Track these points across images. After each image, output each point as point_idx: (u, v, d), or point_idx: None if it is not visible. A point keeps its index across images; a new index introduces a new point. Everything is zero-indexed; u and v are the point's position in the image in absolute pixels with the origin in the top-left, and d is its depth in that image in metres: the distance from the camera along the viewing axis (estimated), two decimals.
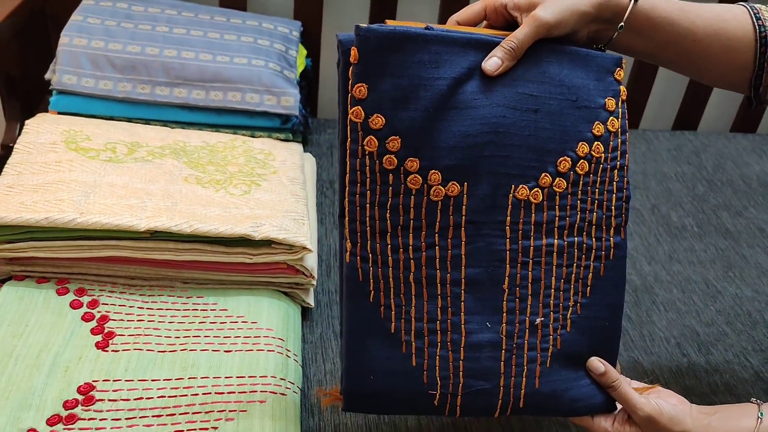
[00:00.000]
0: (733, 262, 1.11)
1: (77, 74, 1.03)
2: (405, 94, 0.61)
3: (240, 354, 0.78)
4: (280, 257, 0.85)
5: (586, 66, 0.67)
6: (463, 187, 0.63)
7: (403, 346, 0.64)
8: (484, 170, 0.63)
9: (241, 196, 0.91)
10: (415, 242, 0.64)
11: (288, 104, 1.06)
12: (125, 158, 0.93)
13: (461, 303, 0.65)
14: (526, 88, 0.64)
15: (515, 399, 0.66)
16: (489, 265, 0.65)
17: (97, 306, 0.81)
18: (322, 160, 1.21)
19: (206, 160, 0.97)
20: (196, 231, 0.82)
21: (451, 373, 0.64)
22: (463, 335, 0.65)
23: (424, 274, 0.64)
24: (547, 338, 0.67)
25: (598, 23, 0.68)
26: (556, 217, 0.66)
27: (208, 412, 0.71)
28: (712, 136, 1.47)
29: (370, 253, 0.64)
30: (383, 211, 0.63)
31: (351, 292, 0.64)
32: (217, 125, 1.07)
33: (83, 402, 0.71)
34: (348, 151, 0.62)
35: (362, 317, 0.64)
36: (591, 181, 0.67)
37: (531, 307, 0.66)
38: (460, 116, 0.62)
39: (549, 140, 0.65)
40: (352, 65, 0.60)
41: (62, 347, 0.76)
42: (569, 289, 0.67)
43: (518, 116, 0.64)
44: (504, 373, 0.65)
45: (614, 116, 0.67)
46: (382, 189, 0.62)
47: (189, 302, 0.84)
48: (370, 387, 0.64)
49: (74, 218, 0.80)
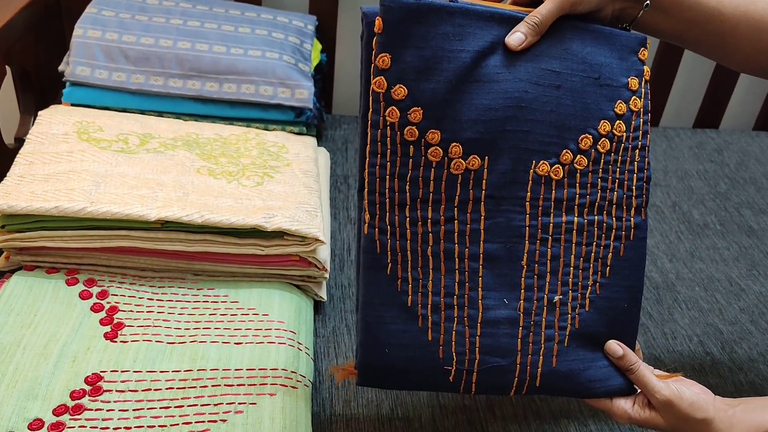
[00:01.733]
0: (757, 260, 1.08)
1: (91, 66, 1.02)
2: (428, 66, 0.60)
3: (251, 346, 0.76)
4: (292, 249, 0.83)
5: (610, 44, 0.66)
6: (484, 161, 0.63)
7: (419, 320, 0.64)
8: (505, 145, 0.63)
9: (254, 187, 0.89)
10: (433, 215, 0.63)
11: (302, 97, 1.05)
12: (137, 149, 0.92)
13: (479, 278, 0.64)
14: (548, 64, 0.63)
15: (531, 377, 0.65)
16: (508, 240, 0.64)
17: (106, 297, 0.80)
18: (337, 156, 1.19)
19: (219, 152, 0.96)
20: (207, 221, 0.80)
21: (467, 349, 0.64)
22: (480, 311, 0.64)
23: (442, 248, 0.64)
24: (565, 317, 0.66)
25: (623, 1, 0.66)
26: (577, 194, 0.65)
27: (218, 404, 0.70)
28: (735, 134, 1.44)
29: (388, 225, 0.63)
30: (402, 183, 0.62)
31: (368, 264, 0.63)
32: (231, 118, 1.06)
33: (90, 392, 0.70)
34: (369, 122, 0.61)
35: (379, 289, 0.63)
36: (612, 160, 0.66)
37: (549, 285, 0.65)
38: (482, 90, 0.62)
39: (571, 117, 0.64)
40: (376, 35, 0.60)
41: (70, 337, 0.74)
42: (588, 268, 0.66)
43: (540, 92, 0.63)
44: (521, 350, 0.65)
45: (637, 96, 0.66)
46: (402, 161, 0.62)
47: (200, 294, 0.83)
48: (385, 360, 0.63)
49: (84, 207, 0.79)
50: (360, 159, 0.63)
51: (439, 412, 0.78)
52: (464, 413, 0.78)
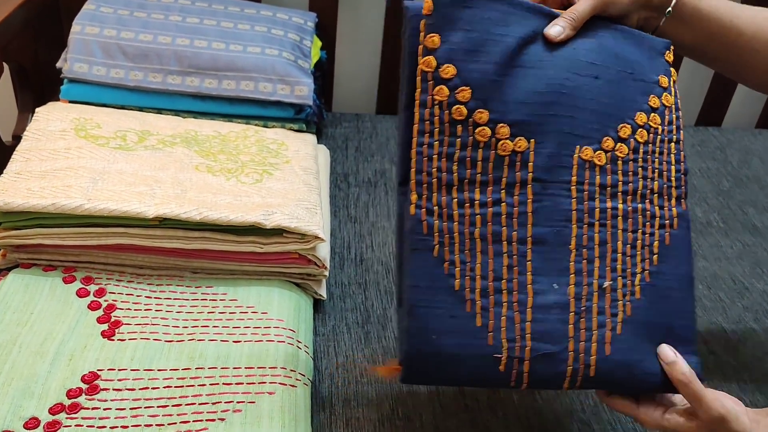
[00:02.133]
0: (760, 258, 1.07)
1: (89, 62, 1.01)
2: (476, 47, 0.62)
3: (249, 345, 0.76)
4: (291, 246, 0.82)
5: (639, 44, 0.70)
6: (529, 143, 0.64)
7: (467, 305, 0.62)
8: (549, 128, 0.64)
9: (253, 184, 0.88)
10: (481, 197, 0.63)
11: (302, 93, 1.04)
12: (135, 146, 0.91)
13: (527, 262, 0.63)
14: (586, 56, 0.66)
15: (585, 366, 0.62)
16: (555, 224, 0.64)
17: (104, 295, 0.79)
18: (337, 154, 1.18)
19: (218, 149, 0.95)
20: (205, 219, 0.80)
21: (518, 335, 0.62)
22: (530, 296, 0.63)
23: (490, 231, 0.63)
24: (616, 303, 0.64)
25: (648, 9, 0.72)
26: (620, 181, 0.66)
27: (215, 403, 0.69)
28: (737, 132, 1.43)
29: (435, 206, 0.63)
30: (450, 164, 0.63)
31: (414, 245, 0.62)
32: (230, 115, 1.05)
33: (87, 391, 0.69)
34: (417, 102, 0.62)
35: (426, 271, 0.62)
36: (650, 150, 0.68)
37: (599, 270, 0.65)
38: (527, 74, 0.64)
39: (609, 106, 0.66)
40: (425, 17, 0.62)
41: (67, 335, 0.74)
42: (636, 255, 0.66)
43: (581, 81, 0.65)
44: (573, 336, 0.63)
45: (668, 92, 0.69)
46: (450, 140, 0.63)
47: (198, 292, 0.82)
48: (432, 347, 0.61)
49: (81, 204, 0.78)
50: (403, 146, 0.63)
51: (441, 411, 0.77)
52: (466, 413, 0.78)
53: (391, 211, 1.07)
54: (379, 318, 0.88)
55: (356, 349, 0.84)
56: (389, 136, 1.26)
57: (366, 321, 0.88)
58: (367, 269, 0.96)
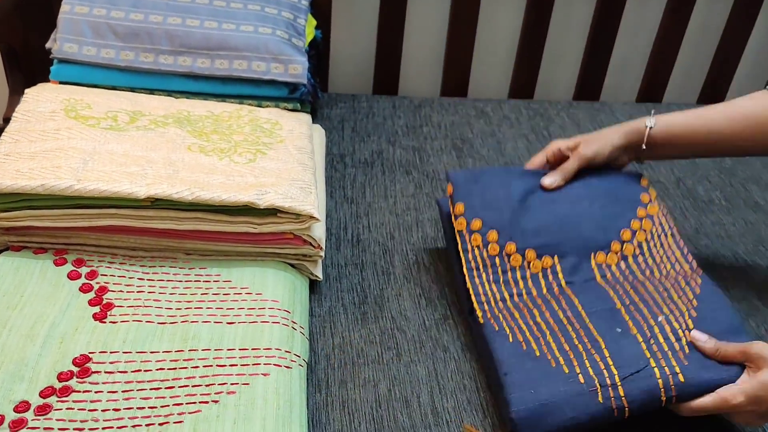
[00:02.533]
0: (763, 235, 1.06)
1: (78, 42, 0.99)
2: (491, 203, 0.85)
3: (243, 326, 0.74)
4: (286, 226, 0.81)
5: (616, 177, 0.91)
6: (554, 259, 0.83)
7: (551, 362, 0.72)
8: (566, 246, 0.84)
9: (246, 164, 0.87)
10: (532, 301, 0.80)
11: (296, 72, 1.02)
12: (126, 126, 0.90)
13: (588, 325, 0.76)
14: (577, 192, 0.88)
15: (672, 375, 0.70)
16: (599, 301, 0.78)
17: (95, 277, 0.78)
18: (333, 134, 1.17)
19: (210, 129, 0.93)
20: (198, 199, 0.78)
21: (603, 368, 0.71)
22: (600, 341, 0.74)
23: (549, 316, 0.78)
24: (675, 331, 0.74)
25: (629, 152, 0.90)
26: (637, 270, 0.83)
27: (209, 384, 0.68)
28: None
29: (498, 313, 0.79)
30: (498, 285, 0.82)
31: (490, 338, 0.76)
32: (223, 95, 1.03)
33: (78, 374, 0.67)
34: (461, 247, 0.84)
35: (507, 352, 0.74)
36: (652, 245, 0.86)
37: (650, 314, 0.77)
38: (535, 212, 0.86)
39: (606, 219, 0.86)
40: (450, 196, 0.87)
41: (58, 318, 0.72)
42: (676, 301, 0.78)
43: (578, 209, 0.86)
44: (651, 357, 0.72)
45: (651, 204, 0.89)
46: (492, 270, 0.82)
47: (191, 273, 0.80)
48: (534, 399, 0.69)
49: (72, 185, 0.76)
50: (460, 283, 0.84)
51: (438, 392, 0.76)
52: (464, 393, 0.76)
53: (388, 191, 1.06)
54: (376, 298, 0.87)
55: (353, 330, 0.82)
56: (386, 116, 1.24)
57: (363, 301, 0.86)
58: (364, 250, 0.94)
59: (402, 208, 1.03)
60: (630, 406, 0.69)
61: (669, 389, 0.69)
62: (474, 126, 1.25)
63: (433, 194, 1.06)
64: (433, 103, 1.30)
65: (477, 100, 1.33)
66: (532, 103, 1.35)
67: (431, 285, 0.90)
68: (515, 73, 1.38)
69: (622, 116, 1.33)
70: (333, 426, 0.71)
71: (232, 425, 0.64)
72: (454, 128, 1.23)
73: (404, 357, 0.80)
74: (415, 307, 0.87)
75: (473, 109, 1.30)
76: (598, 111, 1.34)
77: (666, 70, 1.42)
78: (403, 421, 0.73)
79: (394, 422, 0.72)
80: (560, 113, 1.32)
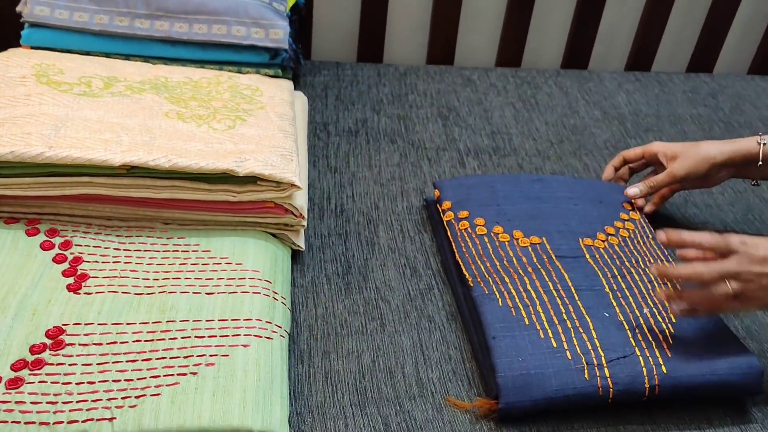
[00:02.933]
0: (752, 204, 1.05)
1: (50, 5, 0.96)
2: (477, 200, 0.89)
3: (223, 296, 0.72)
4: (266, 195, 0.78)
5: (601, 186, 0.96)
6: (542, 239, 0.84)
7: (540, 333, 0.73)
8: (553, 230, 0.86)
9: (225, 131, 0.84)
10: (522, 269, 0.80)
11: (277, 37, 0.99)
12: (101, 92, 0.86)
13: (577, 301, 0.77)
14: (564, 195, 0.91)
15: (656, 365, 0.71)
16: (588, 279, 0.80)
17: (69, 247, 0.75)
18: (316, 103, 1.14)
19: (189, 96, 0.90)
20: (175, 166, 0.76)
21: (591, 348, 0.71)
22: (588, 321, 0.74)
23: (539, 285, 0.78)
24: (659, 323, 0.76)
25: (734, 168, 0.89)
26: (623, 257, 0.84)
27: (187, 356, 0.66)
28: (729, 77, 1.39)
29: (488, 277, 0.79)
30: (488, 258, 0.82)
31: (480, 302, 0.76)
32: (202, 61, 1.00)
33: (51, 346, 0.65)
34: (450, 232, 0.86)
35: (497, 316, 0.74)
36: (636, 242, 0.87)
37: (635, 303, 0.78)
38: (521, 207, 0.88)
39: (590, 216, 0.89)
40: (437, 198, 0.91)
41: (30, 289, 0.70)
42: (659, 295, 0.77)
43: (564, 207, 0.90)
44: (636, 345, 0.72)
45: (633, 212, 0.92)
46: (481, 245, 0.83)
47: (169, 243, 0.78)
48: (521, 368, 0.69)
49: (42, 152, 0.74)
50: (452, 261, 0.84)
51: (423, 363, 0.75)
52: (449, 364, 0.75)
53: (373, 161, 1.03)
54: (360, 269, 0.85)
55: (336, 301, 0.81)
56: (370, 84, 1.21)
57: (346, 272, 0.85)
58: (348, 220, 0.92)
59: (386, 177, 1.01)
60: (615, 389, 0.69)
61: (653, 378, 0.70)
62: (460, 94, 1.22)
63: (419, 163, 1.04)
64: (418, 71, 1.27)
65: (463, 68, 1.30)
66: (520, 71, 1.32)
67: (416, 255, 0.88)
68: (502, 40, 1.36)
69: (611, 84, 1.31)
70: (315, 397, 0.70)
71: (211, 397, 0.62)
72: (440, 96, 1.21)
73: (388, 327, 0.78)
74: (399, 277, 0.85)
75: (460, 77, 1.27)
76: (586, 79, 1.32)
77: (655, 38, 1.40)
78: (387, 392, 0.71)
79: (378, 393, 0.71)
80: (548, 81, 1.30)
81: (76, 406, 0.61)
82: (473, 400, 0.71)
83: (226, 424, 0.61)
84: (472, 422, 0.69)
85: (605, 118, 1.21)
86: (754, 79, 1.39)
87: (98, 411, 0.61)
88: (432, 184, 0.95)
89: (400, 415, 0.69)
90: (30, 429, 0.59)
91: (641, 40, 1.39)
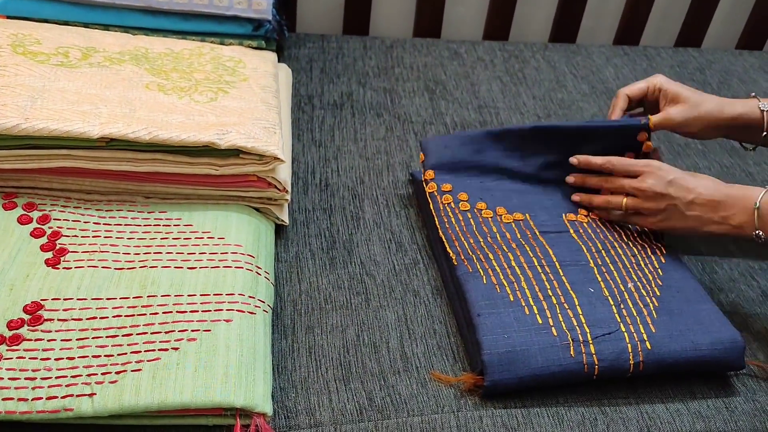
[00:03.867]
0: (738, 179, 1.04)
1: None
2: (461, 167, 0.87)
3: (205, 271, 0.71)
4: (249, 168, 0.77)
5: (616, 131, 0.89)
6: (525, 215, 0.84)
7: (525, 309, 0.72)
8: (536, 206, 0.86)
9: (207, 103, 0.82)
10: (506, 245, 0.80)
11: (260, 8, 0.97)
12: (79, 63, 0.84)
13: (562, 276, 0.77)
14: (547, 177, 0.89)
15: (641, 342, 0.71)
16: (572, 253, 0.80)
17: (48, 221, 0.74)
18: (301, 75, 1.12)
19: (170, 67, 0.88)
20: (155, 139, 0.74)
21: (576, 324, 0.71)
22: (573, 296, 0.74)
23: (523, 261, 0.78)
24: (643, 298, 0.75)
25: (729, 130, 0.85)
26: (607, 232, 0.84)
27: (169, 332, 0.65)
28: (717, 52, 1.38)
29: (472, 255, 0.78)
30: (471, 234, 0.81)
31: (464, 279, 0.75)
32: (183, 32, 0.98)
33: (30, 322, 0.64)
34: (432, 206, 0.84)
35: (481, 293, 0.73)
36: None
37: (619, 278, 0.78)
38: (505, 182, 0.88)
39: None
40: (422, 163, 0.88)
41: (7, 264, 0.69)
42: (643, 268, 0.79)
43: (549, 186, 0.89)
44: (621, 321, 0.72)
45: None
46: (465, 221, 0.82)
47: (150, 217, 0.77)
48: (506, 344, 0.68)
49: (18, 124, 0.72)
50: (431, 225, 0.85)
51: (408, 337, 0.74)
52: (434, 338, 0.75)
53: (358, 134, 1.02)
54: (345, 243, 0.84)
55: (321, 276, 0.80)
56: (356, 56, 1.19)
57: (331, 247, 0.84)
58: (333, 194, 0.91)
59: (372, 151, 1.00)
60: (600, 365, 0.69)
61: (637, 355, 0.70)
62: (447, 68, 1.21)
63: (405, 137, 1.03)
64: (405, 44, 1.25)
65: (450, 41, 1.28)
66: (507, 44, 1.31)
67: (402, 230, 0.87)
68: (490, 13, 1.34)
69: (599, 59, 1.30)
70: (299, 372, 0.69)
71: (193, 373, 0.62)
72: (426, 70, 1.19)
73: (373, 302, 0.77)
74: (385, 252, 0.84)
75: (446, 50, 1.26)
76: (574, 53, 1.31)
77: (643, 12, 1.38)
78: (371, 366, 0.71)
79: (363, 368, 0.70)
80: (535, 55, 1.28)
81: (55, 382, 0.60)
82: (458, 374, 0.71)
83: (208, 399, 0.60)
84: (457, 397, 0.69)
85: (593, 93, 1.20)
86: (743, 54, 1.39)
87: (78, 387, 0.60)
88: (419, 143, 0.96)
89: (385, 389, 0.69)
90: (8, 405, 0.59)
91: (630, 14, 1.38)
